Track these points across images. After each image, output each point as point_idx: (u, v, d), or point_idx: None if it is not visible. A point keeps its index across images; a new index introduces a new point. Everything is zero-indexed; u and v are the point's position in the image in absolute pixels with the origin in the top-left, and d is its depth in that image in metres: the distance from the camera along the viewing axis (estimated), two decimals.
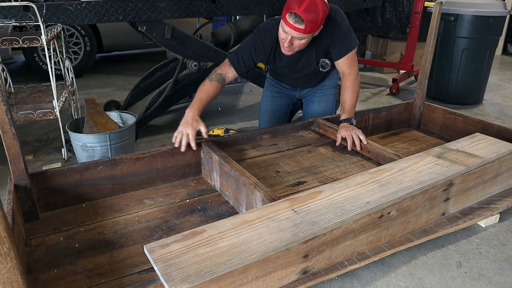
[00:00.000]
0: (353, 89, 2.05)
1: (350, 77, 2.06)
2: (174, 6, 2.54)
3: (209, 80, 2.01)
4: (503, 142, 1.90)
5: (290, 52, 1.93)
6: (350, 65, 2.07)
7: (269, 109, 2.43)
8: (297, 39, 1.84)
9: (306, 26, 1.76)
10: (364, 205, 1.40)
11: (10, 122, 1.43)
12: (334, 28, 1.98)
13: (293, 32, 1.80)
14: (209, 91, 1.99)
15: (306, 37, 1.84)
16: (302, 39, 1.85)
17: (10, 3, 2.24)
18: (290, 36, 1.83)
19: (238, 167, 1.70)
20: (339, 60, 2.06)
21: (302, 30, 1.78)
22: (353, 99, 2.06)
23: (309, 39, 1.89)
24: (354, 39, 2.04)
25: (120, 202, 1.79)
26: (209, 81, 2.01)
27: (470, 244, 1.69)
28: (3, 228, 0.81)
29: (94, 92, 4.02)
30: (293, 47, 1.89)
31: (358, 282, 1.48)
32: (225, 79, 2.04)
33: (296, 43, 1.87)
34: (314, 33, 1.86)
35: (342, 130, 2.03)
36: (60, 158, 2.52)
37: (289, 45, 1.87)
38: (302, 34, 1.80)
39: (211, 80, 2.01)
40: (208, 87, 1.99)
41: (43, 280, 1.34)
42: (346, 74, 2.07)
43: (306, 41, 1.88)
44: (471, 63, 3.54)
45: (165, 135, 2.95)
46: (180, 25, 2.81)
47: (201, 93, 1.98)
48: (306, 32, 1.79)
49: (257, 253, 1.17)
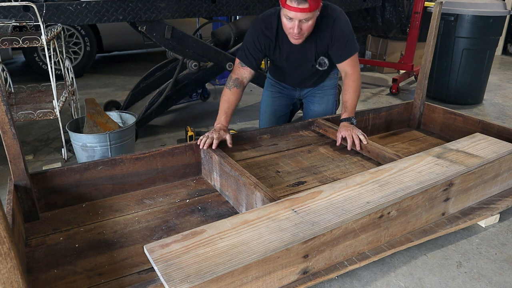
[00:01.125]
0: (355, 89, 2.06)
1: (353, 77, 2.07)
2: (174, 6, 2.54)
3: (228, 89, 2.02)
4: (503, 142, 1.90)
5: (300, 39, 1.92)
6: (353, 67, 2.08)
7: (269, 109, 2.43)
8: (304, 21, 1.83)
9: (310, 3, 1.76)
10: (364, 205, 1.40)
11: (10, 122, 1.43)
12: (335, 29, 1.99)
13: (299, 15, 1.79)
14: (230, 100, 2.00)
15: (312, 16, 1.83)
16: (309, 20, 1.84)
17: (10, 3, 2.24)
18: (297, 21, 1.82)
19: (238, 167, 1.70)
20: (342, 63, 2.07)
21: (307, 9, 1.77)
22: (355, 99, 2.07)
23: (314, 20, 1.88)
24: (356, 44, 2.06)
25: (120, 202, 1.79)
26: (228, 90, 2.02)
27: (470, 244, 1.69)
28: (3, 228, 0.81)
29: (94, 92, 4.02)
30: (302, 32, 1.88)
31: (358, 282, 1.48)
32: (243, 81, 2.06)
33: (305, 27, 1.86)
34: (317, 10, 1.85)
35: (342, 129, 2.03)
36: (60, 158, 2.52)
37: (298, 31, 1.85)
38: (308, 13, 1.79)
39: (230, 87, 2.02)
40: (228, 96, 2.01)
41: (43, 280, 1.34)
42: (349, 74, 2.08)
43: (312, 22, 1.87)
44: (471, 63, 3.54)
45: (165, 135, 2.95)
46: (180, 25, 2.81)
47: (224, 104, 2.00)
48: (312, 9, 1.78)
49: (257, 253, 1.17)
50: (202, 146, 1.88)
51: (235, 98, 2.01)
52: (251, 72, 2.07)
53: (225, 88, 2.03)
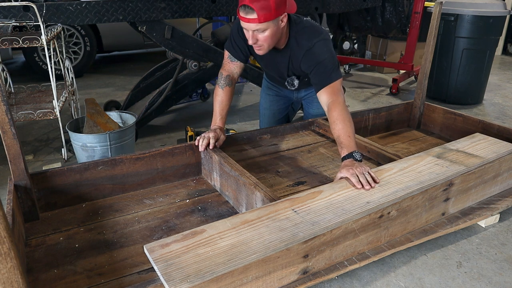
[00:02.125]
0: (343, 119, 1.66)
1: (336, 106, 1.70)
2: (174, 6, 2.54)
3: (220, 88, 1.98)
4: (503, 142, 1.90)
5: (260, 50, 1.80)
6: (334, 93, 1.75)
7: (268, 112, 2.41)
8: (258, 32, 1.71)
9: (258, 14, 1.62)
10: (364, 205, 1.40)
11: (10, 122, 1.43)
12: (310, 52, 1.81)
13: (249, 25, 1.69)
14: (223, 100, 1.98)
15: (265, 27, 1.68)
16: (264, 31, 1.70)
17: (10, 3, 2.24)
18: (251, 32, 1.72)
19: (238, 167, 1.70)
20: (321, 91, 1.78)
21: (256, 20, 1.64)
22: (348, 129, 1.66)
23: (274, 30, 1.72)
24: (338, 72, 1.81)
25: (120, 202, 1.79)
26: (220, 89, 1.98)
27: (470, 244, 1.69)
28: (3, 228, 0.81)
29: (94, 92, 4.02)
30: (260, 43, 1.76)
31: (358, 282, 1.48)
32: (234, 77, 2.01)
33: (260, 38, 1.72)
34: (274, 21, 1.69)
35: (343, 169, 1.57)
36: (60, 158, 2.52)
37: (254, 41, 1.73)
38: (258, 24, 1.66)
39: (222, 87, 1.98)
40: (222, 96, 1.98)
41: (43, 280, 1.34)
42: (331, 104, 1.72)
43: (270, 33, 1.71)
44: (471, 63, 3.54)
45: (165, 135, 2.95)
46: (180, 25, 2.81)
47: (218, 105, 1.98)
48: (261, 20, 1.64)
49: (257, 253, 1.17)
50: (200, 148, 1.87)
51: (228, 97, 1.98)
52: (241, 66, 2.02)
53: (217, 87, 1.99)
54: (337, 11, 3.31)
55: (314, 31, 1.84)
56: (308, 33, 1.83)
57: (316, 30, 1.85)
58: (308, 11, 3.10)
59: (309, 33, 1.83)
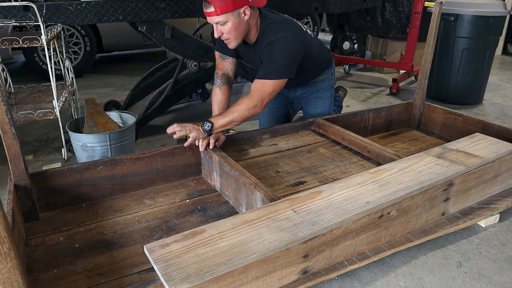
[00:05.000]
0: (238, 108, 1.80)
1: (246, 99, 1.82)
2: (174, 6, 2.54)
3: (218, 87, 2.01)
4: (503, 142, 1.90)
5: (230, 43, 1.84)
6: (257, 90, 1.82)
7: (266, 111, 2.41)
8: (219, 24, 1.76)
9: (215, 7, 1.69)
10: (364, 205, 1.40)
11: (10, 122, 1.43)
12: (270, 45, 1.82)
13: (211, 19, 1.75)
14: (221, 100, 2.00)
15: (224, 19, 1.73)
16: (224, 24, 1.75)
17: (10, 3, 2.24)
18: (215, 25, 1.78)
19: (238, 167, 1.70)
20: (254, 80, 1.86)
21: (213, 13, 1.71)
22: (230, 114, 1.81)
23: (236, 23, 1.76)
24: (281, 74, 1.82)
25: (120, 202, 1.79)
26: (218, 89, 2.01)
27: (470, 244, 1.69)
28: (3, 228, 0.81)
29: (94, 92, 4.02)
30: (225, 36, 1.80)
31: (358, 282, 1.48)
32: (229, 75, 2.03)
33: (225, 30, 1.77)
34: (234, 13, 1.73)
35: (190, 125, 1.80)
36: (60, 158, 2.52)
37: (219, 34, 1.79)
38: (216, 16, 1.72)
39: (219, 86, 2.01)
40: (219, 96, 2.00)
41: (43, 280, 1.34)
42: (247, 95, 1.83)
43: (232, 25, 1.76)
44: (471, 63, 3.54)
45: (165, 135, 2.94)
46: (180, 25, 2.81)
47: (216, 106, 2.00)
48: (218, 13, 1.70)
49: (257, 253, 1.17)
50: (201, 148, 1.87)
51: (226, 97, 2.01)
52: (233, 62, 2.04)
53: (215, 87, 2.01)
54: (337, 11, 3.31)
55: (281, 27, 1.85)
56: (275, 28, 1.84)
57: (285, 27, 1.86)
58: (308, 11, 3.09)
59: (276, 28, 1.84)
